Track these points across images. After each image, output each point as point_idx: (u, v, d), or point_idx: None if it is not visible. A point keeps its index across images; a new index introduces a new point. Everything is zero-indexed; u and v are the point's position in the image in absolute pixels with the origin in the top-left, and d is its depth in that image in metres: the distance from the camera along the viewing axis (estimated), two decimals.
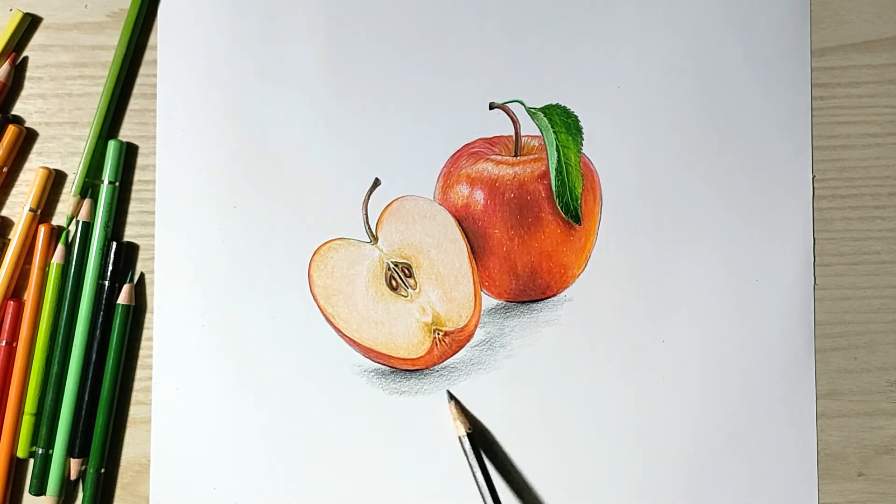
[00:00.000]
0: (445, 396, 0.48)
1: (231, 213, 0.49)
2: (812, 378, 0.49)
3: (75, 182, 0.49)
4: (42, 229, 0.49)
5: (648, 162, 0.50)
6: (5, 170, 0.49)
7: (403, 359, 0.49)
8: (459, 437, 0.47)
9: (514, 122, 0.50)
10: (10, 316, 0.48)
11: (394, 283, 0.49)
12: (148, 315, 0.49)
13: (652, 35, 0.50)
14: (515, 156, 0.50)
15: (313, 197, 0.50)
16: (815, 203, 0.50)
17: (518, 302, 0.50)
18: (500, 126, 0.50)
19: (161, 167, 0.50)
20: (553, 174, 0.50)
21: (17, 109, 0.50)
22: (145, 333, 0.49)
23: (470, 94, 0.50)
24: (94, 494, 0.48)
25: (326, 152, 0.50)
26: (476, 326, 0.50)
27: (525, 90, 0.50)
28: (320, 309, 0.49)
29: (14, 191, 0.50)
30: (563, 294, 0.50)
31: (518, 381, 0.49)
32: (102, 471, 0.49)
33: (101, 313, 0.48)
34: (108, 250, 0.49)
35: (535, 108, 0.50)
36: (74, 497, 0.49)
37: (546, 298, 0.50)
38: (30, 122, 0.50)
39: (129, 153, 0.50)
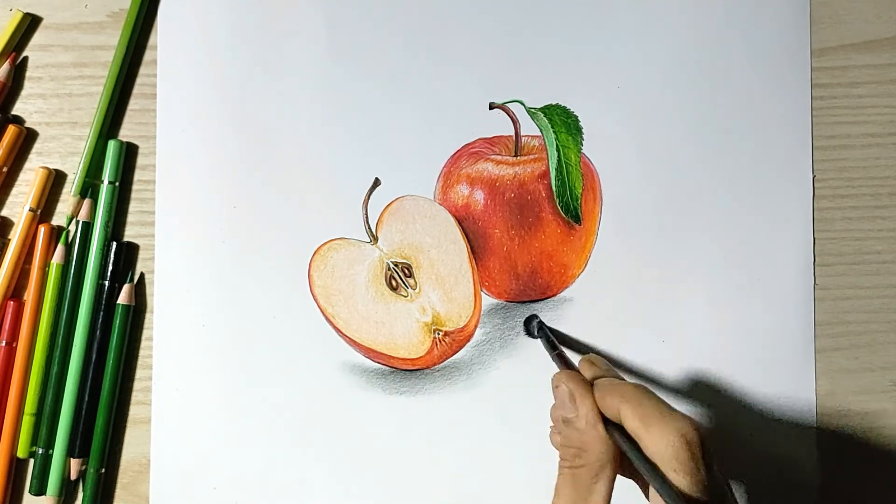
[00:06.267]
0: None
1: (231, 213, 0.49)
2: (812, 378, 0.49)
3: (75, 182, 0.49)
4: (42, 229, 0.49)
5: (648, 162, 0.50)
6: (5, 170, 0.49)
7: (403, 359, 0.49)
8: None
9: (514, 122, 0.50)
10: (10, 316, 0.48)
11: (394, 283, 0.49)
12: (148, 315, 0.49)
13: (652, 35, 0.50)
14: (515, 156, 0.50)
15: (313, 197, 0.49)
16: (815, 203, 0.50)
17: (518, 302, 0.50)
18: (500, 126, 0.50)
19: (161, 167, 0.50)
20: (553, 174, 0.50)
21: (17, 109, 0.50)
22: (145, 333, 0.49)
23: (470, 94, 0.50)
24: (94, 494, 0.48)
25: (326, 152, 0.50)
26: (476, 326, 0.50)
27: (525, 90, 0.50)
28: (320, 309, 0.49)
29: (14, 191, 0.50)
30: (563, 294, 0.50)
31: (518, 382, 0.49)
32: (102, 471, 0.49)
33: (101, 313, 0.48)
34: (108, 250, 0.49)
35: (535, 108, 0.50)
36: (74, 497, 0.49)
37: (546, 298, 0.50)
38: (30, 122, 0.50)
39: (129, 153, 0.50)
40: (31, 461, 0.48)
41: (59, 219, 0.50)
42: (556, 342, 0.46)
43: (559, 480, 0.39)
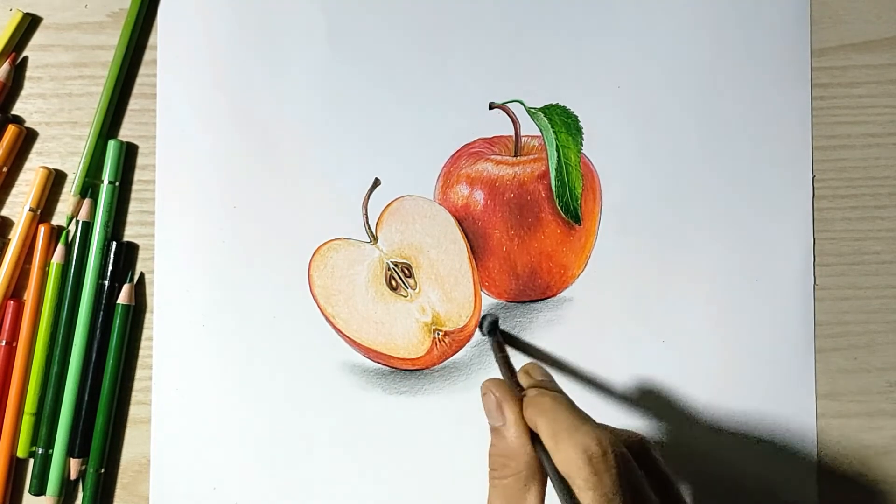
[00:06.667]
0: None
1: (231, 213, 0.49)
2: (812, 378, 0.49)
3: (75, 182, 0.49)
4: (42, 229, 0.49)
5: (648, 162, 0.50)
6: (5, 170, 0.49)
7: (403, 359, 0.49)
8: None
9: (514, 122, 0.50)
10: (10, 316, 0.48)
11: (394, 283, 0.49)
12: (148, 315, 0.49)
13: (652, 35, 0.50)
14: (515, 156, 0.50)
15: (313, 197, 0.49)
16: (815, 203, 0.50)
17: (518, 302, 0.50)
18: (500, 126, 0.50)
19: (161, 167, 0.50)
20: (553, 174, 0.50)
21: (17, 109, 0.50)
22: (145, 333, 0.49)
23: (470, 94, 0.50)
24: (94, 494, 0.48)
25: (326, 152, 0.50)
26: (476, 326, 0.50)
27: (525, 90, 0.50)
28: (320, 309, 0.49)
29: (14, 191, 0.50)
30: (563, 294, 0.50)
31: None
32: (102, 471, 0.49)
33: (101, 313, 0.48)
34: (108, 250, 0.49)
35: (535, 108, 0.50)
36: (74, 497, 0.49)
37: (546, 298, 0.50)
38: (30, 122, 0.50)
39: (129, 153, 0.50)
40: (31, 461, 0.48)
41: (59, 219, 0.50)
42: (503, 345, 0.46)
43: (490, 492, 0.38)
